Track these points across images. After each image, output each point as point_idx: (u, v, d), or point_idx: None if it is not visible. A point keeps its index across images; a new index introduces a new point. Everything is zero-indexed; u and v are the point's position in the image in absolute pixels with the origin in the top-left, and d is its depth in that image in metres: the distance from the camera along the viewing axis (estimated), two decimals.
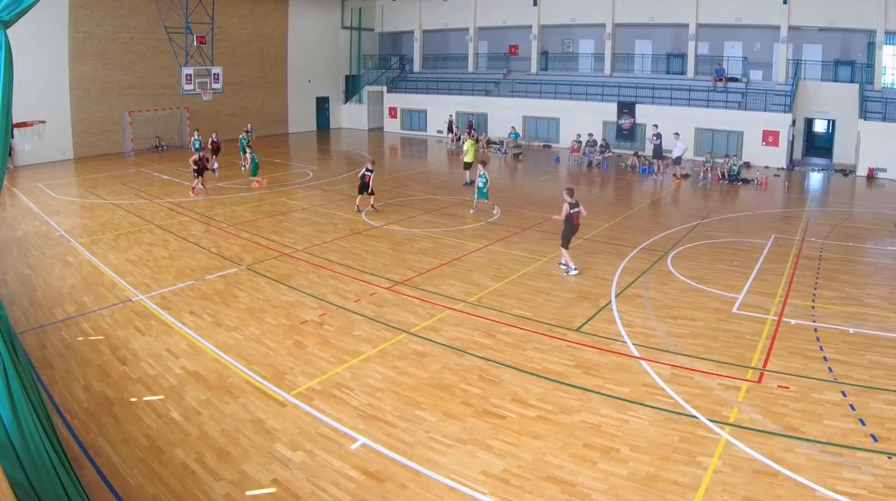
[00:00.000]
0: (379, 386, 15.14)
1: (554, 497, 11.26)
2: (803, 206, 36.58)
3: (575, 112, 58.24)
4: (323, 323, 18.69)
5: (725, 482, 11.65)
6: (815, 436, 13.07)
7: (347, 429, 13.24)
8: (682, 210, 35.39)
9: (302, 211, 31.54)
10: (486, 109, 63.98)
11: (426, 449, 12.60)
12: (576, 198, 22.95)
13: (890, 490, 11.36)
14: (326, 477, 11.69)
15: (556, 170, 49.19)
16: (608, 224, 30.40)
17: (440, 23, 70.85)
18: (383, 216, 31.05)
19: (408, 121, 70.73)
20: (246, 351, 16.83)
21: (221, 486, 11.46)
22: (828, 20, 51.54)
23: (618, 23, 60.30)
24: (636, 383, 15.42)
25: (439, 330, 18.31)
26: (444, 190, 38.83)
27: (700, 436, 13.13)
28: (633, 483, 11.64)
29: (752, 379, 15.65)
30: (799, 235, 28.92)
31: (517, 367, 16.14)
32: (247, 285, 21.59)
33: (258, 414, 13.79)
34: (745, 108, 52.82)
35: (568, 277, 22.77)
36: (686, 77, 58.10)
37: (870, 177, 46.66)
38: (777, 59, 55.15)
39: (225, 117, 60.33)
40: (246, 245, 26.13)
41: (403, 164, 53.84)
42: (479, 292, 21.35)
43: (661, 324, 18.88)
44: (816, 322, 19.20)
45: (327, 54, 71.26)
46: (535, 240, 27.61)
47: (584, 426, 13.52)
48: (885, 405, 14.37)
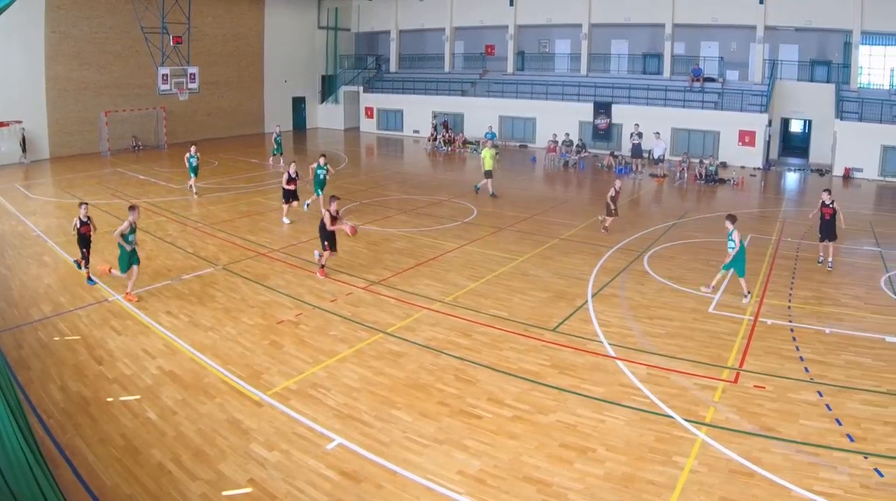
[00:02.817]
0: (355, 385, 15.13)
1: (530, 497, 11.27)
2: (779, 206, 36.72)
3: (551, 112, 58.24)
4: (299, 323, 18.66)
5: (701, 482, 11.67)
6: (792, 436, 13.10)
7: (324, 429, 13.22)
8: (659, 210, 35.44)
9: (278, 211, 31.30)
10: (463, 109, 63.90)
11: (402, 449, 12.59)
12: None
13: (866, 490, 11.38)
14: (303, 477, 11.68)
15: (532, 170, 49.29)
16: (584, 224, 30.38)
17: (416, 23, 70.73)
18: (359, 215, 30.97)
19: (384, 121, 70.59)
20: (222, 351, 16.78)
21: (197, 486, 11.42)
22: (804, 20, 51.72)
23: (594, 23, 60.34)
24: (612, 383, 15.44)
25: (415, 330, 18.29)
26: (420, 190, 38.74)
27: (676, 436, 13.16)
28: (609, 483, 11.65)
29: (729, 379, 15.69)
30: (775, 235, 29.04)
31: (493, 367, 16.15)
32: (223, 285, 21.53)
33: (234, 414, 13.75)
34: (722, 108, 52.91)
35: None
36: (662, 77, 58.21)
37: (846, 177, 46.81)
38: (753, 59, 55.31)
39: (201, 117, 60.41)
40: (222, 245, 26.07)
41: (380, 164, 53.82)
42: (456, 292, 21.35)
43: (637, 324, 18.91)
44: (792, 322, 19.27)
45: (303, 54, 71.15)
46: (512, 240, 27.64)
47: (561, 426, 13.53)
48: (862, 405, 14.42)
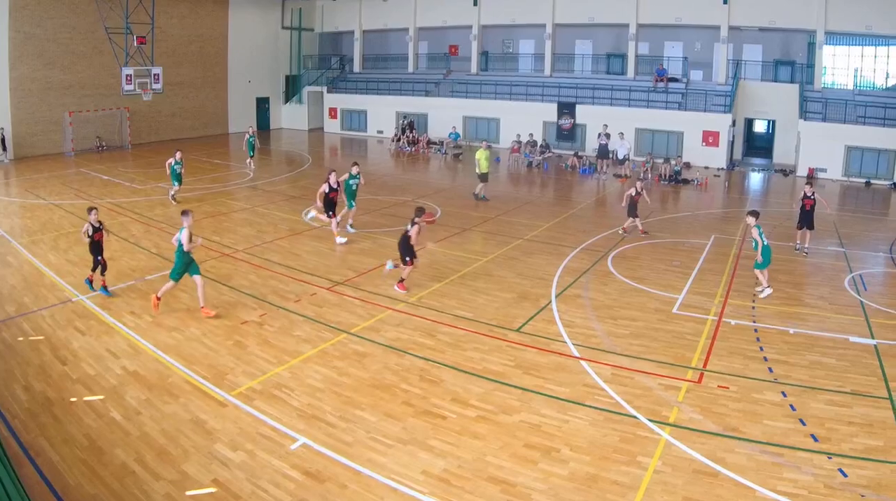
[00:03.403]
0: (319, 386, 15.11)
1: (494, 497, 11.27)
2: (743, 206, 36.77)
3: (515, 112, 58.34)
4: (263, 324, 18.59)
5: (665, 482, 11.70)
6: (756, 436, 13.14)
7: (288, 429, 13.20)
8: (622, 210, 35.36)
9: (242, 211, 31.34)
10: (427, 109, 63.84)
11: (367, 449, 12.57)
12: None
13: (830, 490, 11.43)
14: (267, 477, 11.66)
15: (496, 170, 48.60)
16: (548, 224, 30.40)
17: (380, 23, 70.67)
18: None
19: (348, 121, 70.41)
20: (186, 352, 16.71)
21: (161, 486, 11.37)
22: (768, 20, 51.95)
23: (558, 23, 60.41)
24: (576, 383, 15.45)
25: (380, 331, 18.27)
26: (384, 190, 38.62)
27: (640, 436, 13.18)
28: (573, 483, 11.66)
29: (693, 380, 15.74)
30: (739, 235, 29.06)
31: (457, 367, 16.14)
32: (187, 285, 21.07)
33: (198, 415, 13.70)
34: (686, 109, 53.07)
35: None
36: (626, 77, 58.31)
37: (810, 177, 47.00)
38: (717, 59, 55.45)
39: (165, 117, 60.11)
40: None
41: (344, 165, 53.01)
42: (420, 292, 21.30)
43: (601, 325, 18.92)
44: (756, 322, 19.34)
45: (267, 54, 70.96)
46: (476, 240, 27.73)
47: (525, 426, 13.54)
48: (826, 405, 14.49)
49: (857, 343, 18.01)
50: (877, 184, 45.38)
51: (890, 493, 11.41)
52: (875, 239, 29.81)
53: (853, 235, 29.22)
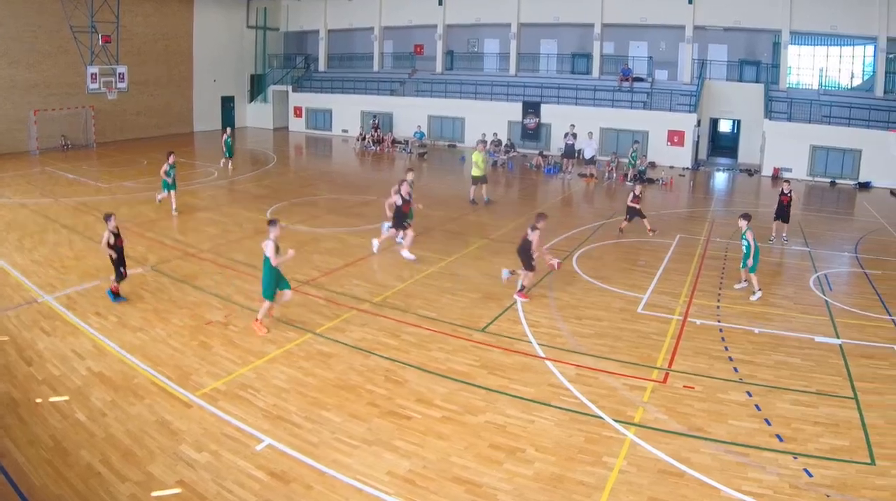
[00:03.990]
0: (284, 386, 15.01)
1: (459, 498, 11.24)
2: (708, 206, 37.05)
3: (480, 112, 58.38)
4: (228, 324, 18.47)
5: (631, 482, 11.68)
6: (721, 436, 13.16)
7: (253, 430, 13.10)
8: (588, 210, 35.58)
9: (207, 210, 31.17)
10: (392, 109, 63.71)
11: (332, 450, 12.50)
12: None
13: (795, 490, 11.43)
14: (232, 478, 11.57)
15: (461, 169, 49.05)
16: (513, 224, 30.33)
17: (345, 22, 70.61)
18: (288, 215, 30.73)
19: (313, 120, 70.34)
20: (151, 352, 16.55)
21: (127, 487, 11.27)
22: (733, 20, 52.27)
23: (523, 22, 60.56)
24: (541, 383, 15.42)
25: (345, 331, 18.17)
26: (349, 189, 38.61)
27: (605, 437, 13.15)
28: (538, 484, 11.63)
29: (658, 380, 15.73)
30: (704, 235, 29.24)
31: (422, 368, 16.08)
32: (151, 286, 21.22)
33: (163, 415, 13.57)
34: (651, 108, 53.37)
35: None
36: (591, 77, 58.48)
37: (775, 177, 47.31)
38: (682, 58, 55.76)
39: (130, 116, 59.71)
40: (151, 245, 25.68)
41: (309, 164, 53.88)
42: (385, 292, 21.24)
43: (566, 324, 18.89)
44: (721, 322, 19.38)
45: (232, 53, 70.71)
46: (441, 240, 27.62)
47: (490, 426, 13.50)
48: (791, 405, 14.52)
49: (823, 342, 18.07)
50: (842, 183, 45.78)
51: (855, 493, 11.42)
52: (840, 238, 29.99)
53: (818, 235, 29.37)
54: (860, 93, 51.30)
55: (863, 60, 55.30)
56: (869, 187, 45.13)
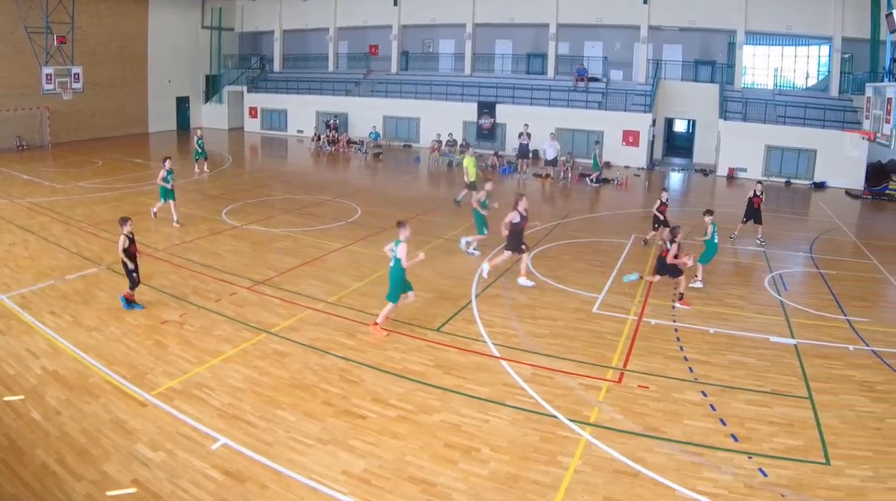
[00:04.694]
0: (240, 385, 14.97)
1: (414, 497, 11.25)
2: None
3: (435, 112, 58.40)
4: (184, 323, 18.38)
5: (586, 481, 11.71)
6: (676, 436, 13.22)
7: (208, 429, 13.06)
8: (543, 210, 35.47)
9: (162, 210, 30.83)
10: (347, 109, 63.61)
11: (287, 449, 12.50)
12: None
13: (750, 490, 11.50)
14: (187, 477, 11.53)
15: (416, 169, 49.49)
16: (468, 224, 29.91)
17: (300, 23, 70.55)
18: (243, 215, 30.73)
19: (268, 120, 70.16)
20: (106, 351, 16.45)
21: (82, 486, 11.21)
22: (688, 20, 52.60)
23: (478, 23, 60.75)
24: (497, 383, 15.44)
25: (300, 330, 18.15)
26: (304, 190, 38.55)
27: (561, 436, 13.18)
28: (493, 483, 11.65)
29: (613, 379, 15.77)
30: (659, 235, 29.22)
31: (378, 367, 16.07)
32: (107, 285, 21.09)
33: (119, 414, 13.50)
34: (606, 108, 53.57)
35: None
36: (546, 77, 58.77)
37: (730, 177, 47.64)
38: (637, 58, 56.08)
39: (86, 117, 59.31)
40: (106, 245, 25.39)
41: (264, 164, 53.75)
42: (340, 292, 21.20)
43: (521, 324, 18.91)
44: (677, 322, 19.48)
45: (187, 54, 70.37)
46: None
47: (445, 426, 13.51)
48: (746, 405, 14.61)
49: (778, 342, 18.18)
50: (797, 183, 46.13)
51: (810, 493, 11.47)
52: (795, 238, 30.15)
53: (773, 235, 29.48)
54: (815, 94, 51.73)
55: (818, 60, 55.83)
56: (824, 187, 45.46)
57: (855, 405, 14.78)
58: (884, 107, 29.15)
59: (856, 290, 22.97)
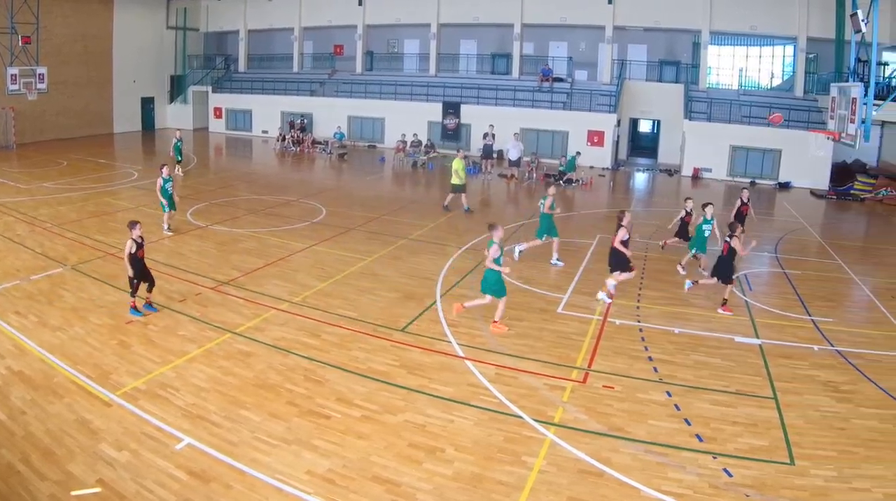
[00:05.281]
0: (204, 385, 14.91)
1: (379, 497, 11.23)
2: (628, 206, 37.17)
3: (400, 112, 58.49)
4: (148, 323, 18.27)
5: (551, 482, 11.70)
6: (641, 436, 13.24)
7: (172, 429, 13.00)
8: (508, 210, 35.69)
9: (127, 211, 30.81)
10: (312, 109, 63.60)
11: (251, 449, 12.46)
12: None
13: (715, 490, 11.53)
14: (152, 477, 11.47)
15: (381, 170, 49.50)
16: (433, 224, 30.46)
17: (265, 23, 70.50)
18: (208, 216, 30.64)
19: (233, 121, 70.07)
20: (71, 351, 16.36)
21: (47, 486, 11.15)
22: (653, 20, 52.93)
23: (443, 23, 60.94)
24: (461, 383, 15.44)
25: (264, 330, 18.09)
26: (269, 190, 38.51)
27: (525, 436, 13.19)
28: (458, 483, 11.64)
29: (577, 379, 15.77)
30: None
31: (342, 367, 16.04)
32: (72, 285, 21.01)
33: (83, 414, 13.42)
34: (570, 109, 53.80)
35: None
36: (511, 77, 58.99)
37: (695, 177, 47.87)
38: (602, 59, 56.35)
39: (50, 117, 59.03)
40: (71, 245, 25.43)
41: (228, 165, 53.63)
42: (305, 292, 21.16)
43: (486, 325, 18.88)
44: (641, 322, 19.50)
45: (152, 54, 70.15)
46: (360, 240, 27.58)
47: (409, 426, 13.50)
48: (710, 405, 14.65)
49: (743, 343, 18.25)
50: (762, 183, 46.47)
51: (774, 493, 11.52)
52: (760, 238, 30.25)
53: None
54: (780, 94, 52.22)
55: (782, 60, 56.20)
56: (789, 187, 45.79)
57: (819, 405, 14.85)
58: (848, 107, 29.25)
59: (820, 290, 23.13)
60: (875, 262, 28.51)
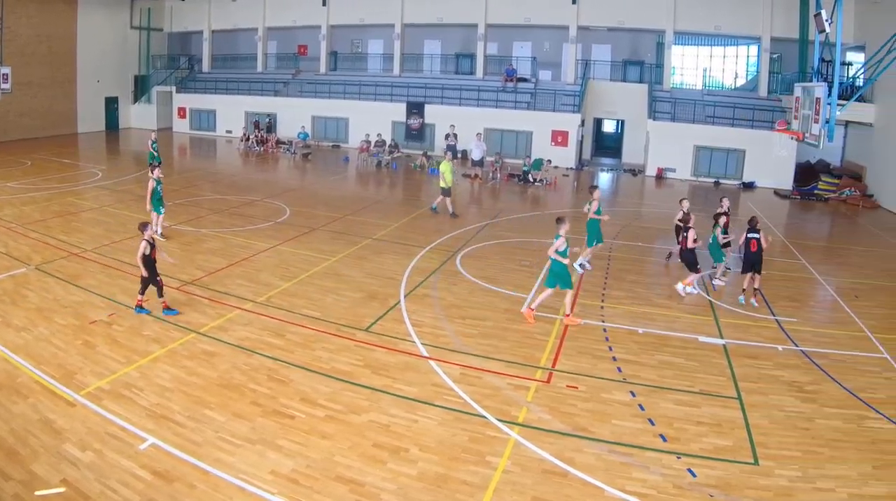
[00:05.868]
0: (168, 385, 14.80)
1: (343, 497, 11.18)
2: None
3: (364, 112, 58.47)
4: (112, 323, 18.13)
5: (515, 482, 11.68)
6: (605, 436, 13.22)
7: (136, 429, 12.89)
8: (472, 210, 35.60)
9: (91, 211, 30.71)
10: (276, 109, 63.49)
11: (215, 449, 12.38)
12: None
13: (679, 490, 11.52)
14: (115, 477, 11.37)
15: (344, 170, 49.38)
16: (397, 223, 30.43)
17: (229, 23, 70.31)
18: (172, 216, 30.14)
19: (197, 121, 69.76)
20: (35, 351, 16.22)
21: (10, 486, 11.04)
22: (617, 20, 53.13)
23: (407, 23, 60.93)
24: (425, 383, 15.40)
25: (228, 330, 18.00)
26: (233, 190, 38.45)
27: (489, 436, 13.16)
28: (422, 483, 11.61)
29: (541, 379, 15.75)
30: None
31: (306, 367, 15.99)
32: (35, 285, 20.84)
33: (47, 414, 13.31)
34: (535, 109, 53.89)
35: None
36: (475, 77, 59.06)
37: (659, 177, 48.03)
38: (566, 59, 56.47)
39: (14, 117, 58.71)
40: (35, 245, 25.22)
41: (192, 164, 53.32)
42: (269, 292, 21.07)
43: (450, 324, 18.89)
44: (605, 322, 19.49)
45: (116, 54, 69.83)
46: (324, 239, 27.51)
47: (374, 426, 13.45)
48: (674, 405, 14.66)
49: (707, 343, 18.26)
50: (725, 183, 46.66)
51: (739, 493, 11.53)
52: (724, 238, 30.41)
53: (702, 235, 29.22)
54: (744, 93, 52.55)
55: (746, 60, 56.61)
56: (753, 187, 46.01)
57: (784, 405, 14.88)
58: (812, 107, 29.42)
59: (784, 290, 23.18)
60: (839, 262, 28.71)
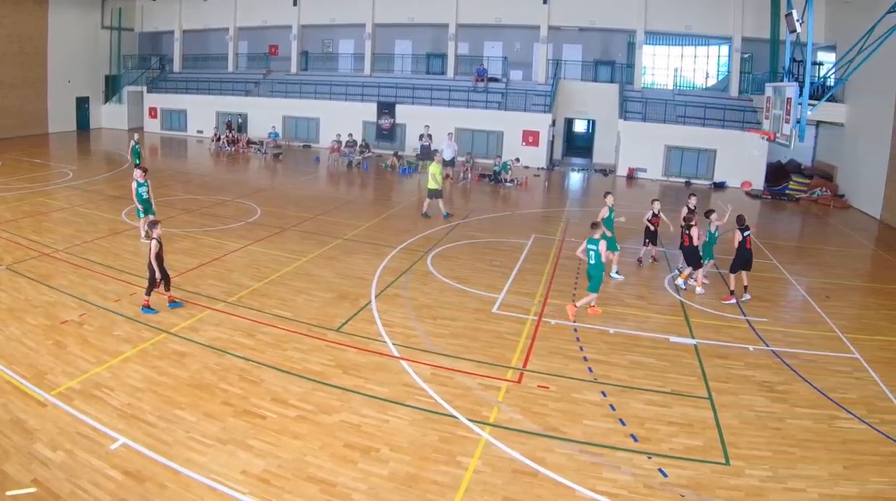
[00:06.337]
0: (139, 385, 14.74)
1: (314, 497, 11.18)
2: (563, 206, 37.46)
3: (335, 112, 58.43)
4: (83, 323, 18.05)
5: (485, 482, 11.70)
6: (576, 436, 13.24)
7: (107, 429, 12.85)
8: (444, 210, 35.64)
9: (62, 211, 30.64)
10: (247, 109, 63.43)
11: (186, 449, 12.35)
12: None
13: (650, 490, 11.55)
14: (86, 477, 11.33)
15: (315, 170, 49.41)
16: (368, 224, 30.44)
17: (200, 23, 70.03)
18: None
19: (168, 121, 69.53)
20: (6, 352, 16.15)
21: None
22: (588, 20, 53.28)
23: (378, 23, 60.95)
24: (396, 383, 15.41)
25: (199, 330, 17.96)
26: (204, 190, 38.40)
27: (460, 436, 13.18)
28: (393, 483, 11.61)
29: (512, 379, 15.77)
30: (559, 235, 29.55)
31: (277, 367, 15.97)
32: (6, 285, 20.72)
33: (18, 414, 13.26)
34: (506, 108, 53.99)
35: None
36: (446, 77, 59.15)
37: (630, 177, 48.12)
38: (537, 59, 56.65)
39: None
40: (6, 245, 25.08)
41: (164, 164, 52.76)
42: (240, 292, 21.04)
43: (421, 324, 18.89)
44: (576, 322, 19.46)
45: (87, 54, 69.44)
46: (295, 240, 27.50)
47: (345, 426, 13.45)
48: (645, 405, 14.68)
49: (678, 343, 18.32)
50: (696, 183, 46.80)
51: (710, 493, 11.56)
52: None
53: (672, 235, 29.58)
54: (715, 93, 52.77)
55: (717, 60, 56.87)
56: (724, 187, 46.23)
57: (754, 405, 14.93)
58: (783, 107, 29.57)
59: (755, 290, 23.12)
60: (810, 262, 28.83)
